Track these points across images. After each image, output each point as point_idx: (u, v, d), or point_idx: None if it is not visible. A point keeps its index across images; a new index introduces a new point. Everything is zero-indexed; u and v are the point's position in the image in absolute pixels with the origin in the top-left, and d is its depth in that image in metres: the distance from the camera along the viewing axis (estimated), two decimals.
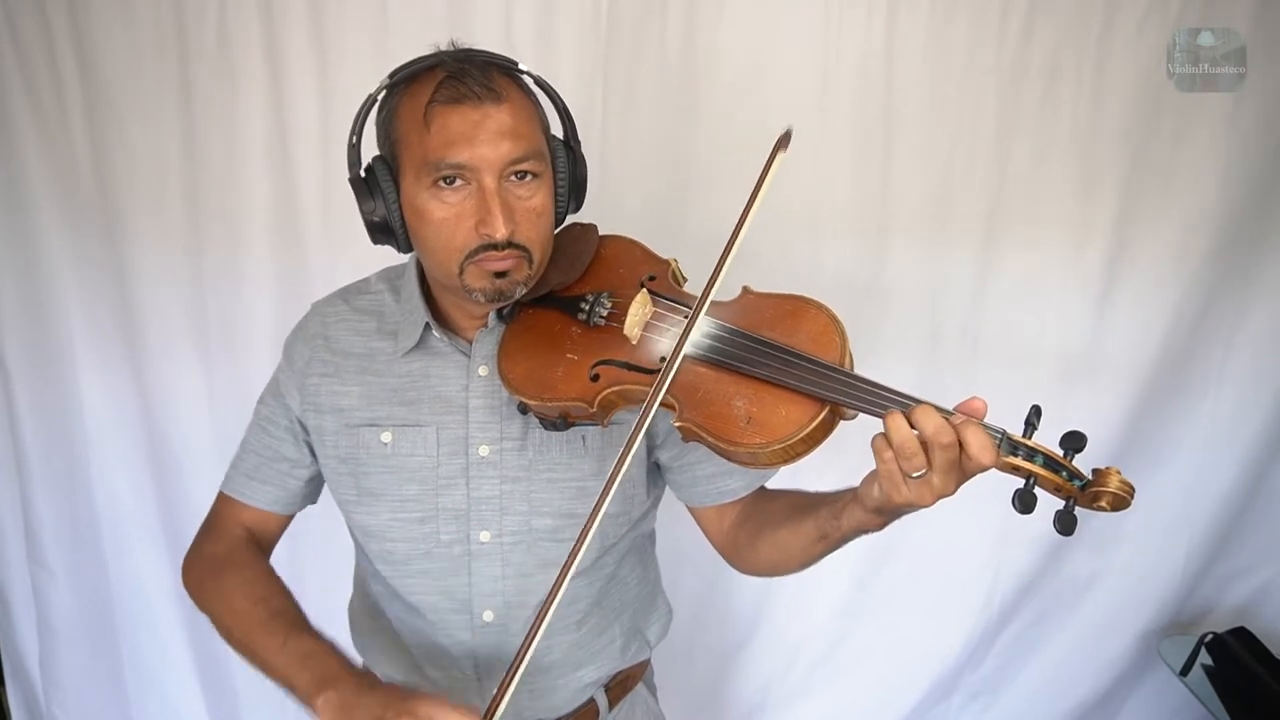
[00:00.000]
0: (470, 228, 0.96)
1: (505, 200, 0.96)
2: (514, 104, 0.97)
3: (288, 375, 1.14)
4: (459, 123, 0.94)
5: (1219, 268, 1.84)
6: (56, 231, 1.82)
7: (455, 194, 0.96)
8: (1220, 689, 1.85)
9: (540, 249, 1.01)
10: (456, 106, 0.94)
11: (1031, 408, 0.83)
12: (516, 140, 0.96)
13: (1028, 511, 0.80)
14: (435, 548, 1.09)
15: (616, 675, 1.22)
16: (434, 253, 1.00)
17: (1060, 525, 0.81)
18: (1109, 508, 0.81)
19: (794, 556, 1.04)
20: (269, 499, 1.17)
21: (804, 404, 0.87)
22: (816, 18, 1.72)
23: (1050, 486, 0.82)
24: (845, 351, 0.90)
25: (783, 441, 0.86)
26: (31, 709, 2.11)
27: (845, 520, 0.93)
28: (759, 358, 0.90)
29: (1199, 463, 1.94)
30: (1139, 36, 1.72)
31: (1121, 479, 0.81)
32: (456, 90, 0.94)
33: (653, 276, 1.04)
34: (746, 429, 0.88)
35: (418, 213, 0.98)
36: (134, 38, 1.72)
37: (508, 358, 1.03)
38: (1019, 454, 0.81)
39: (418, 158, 0.96)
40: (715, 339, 0.93)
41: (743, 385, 0.90)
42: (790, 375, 0.88)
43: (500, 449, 1.07)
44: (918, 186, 1.80)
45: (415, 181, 0.97)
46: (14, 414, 1.91)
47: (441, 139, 0.94)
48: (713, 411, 0.90)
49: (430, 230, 0.98)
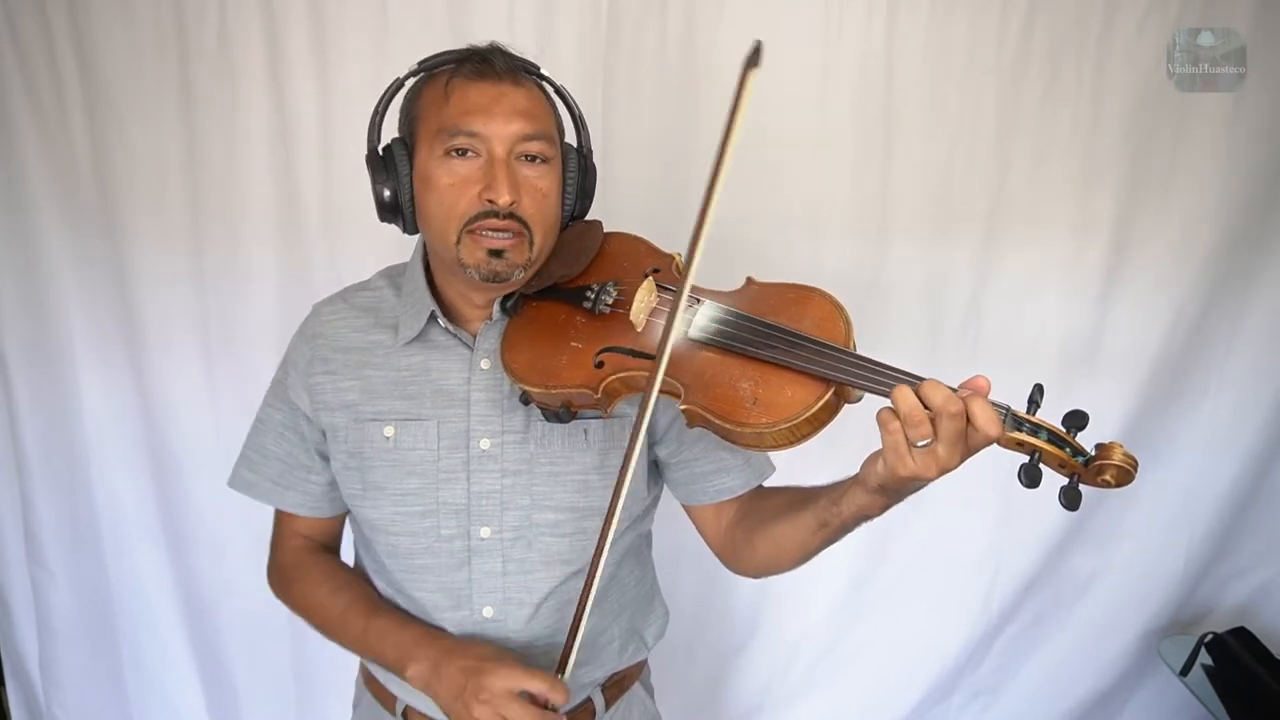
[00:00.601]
0: (474, 194, 0.99)
1: (512, 171, 0.99)
2: (531, 92, 1.03)
3: (294, 377, 1.15)
4: (477, 95, 0.99)
5: (1219, 267, 1.84)
6: (56, 231, 1.82)
7: (465, 164, 0.99)
8: (1220, 689, 1.85)
9: (542, 230, 1.02)
10: (478, 81, 0.99)
11: (1035, 386, 0.84)
12: (530, 119, 1.00)
13: (1033, 486, 0.81)
14: (436, 543, 1.10)
15: (613, 675, 1.22)
16: (435, 222, 1.01)
17: (1065, 500, 0.81)
18: (1114, 482, 0.81)
19: (792, 550, 1.04)
20: (299, 504, 1.19)
21: (810, 384, 0.88)
22: (816, 18, 1.72)
23: (1054, 462, 0.82)
24: (849, 335, 0.91)
25: (789, 421, 0.87)
26: (31, 709, 2.11)
27: (846, 505, 0.93)
28: (764, 340, 0.91)
29: (1199, 462, 1.95)
30: (1139, 36, 1.72)
31: (1125, 452, 0.81)
32: (479, 68, 1.00)
33: (657, 269, 1.04)
34: (752, 410, 0.88)
35: (425, 181, 1.01)
36: (134, 38, 1.72)
37: (511, 348, 1.04)
38: (1024, 429, 0.82)
39: (434, 127, 1.00)
40: (721, 323, 0.94)
41: (748, 367, 0.91)
42: (795, 356, 0.88)
43: (501, 442, 1.08)
44: (918, 186, 1.80)
45: (428, 151, 1.01)
46: (14, 414, 1.91)
47: (459, 108, 0.99)
48: (718, 394, 0.91)
49: (434, 197, 1.00)
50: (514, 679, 0.96)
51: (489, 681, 0.96)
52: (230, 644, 2.02)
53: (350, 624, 1.12)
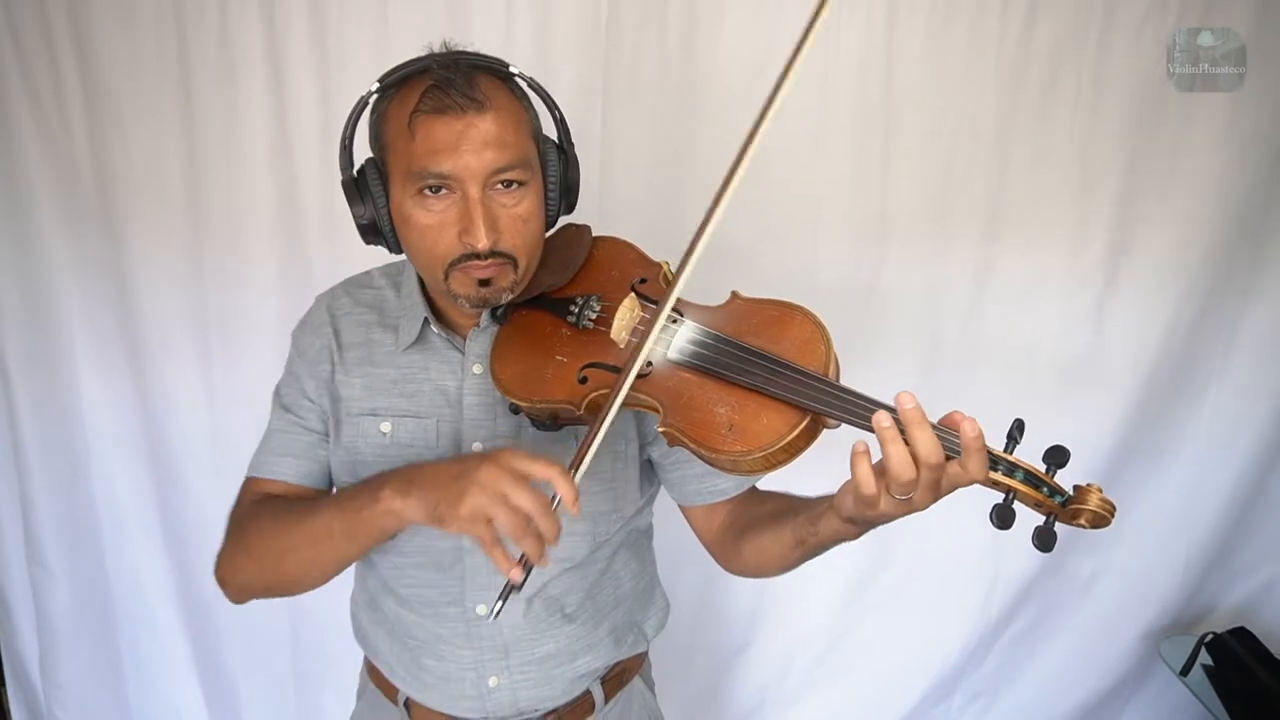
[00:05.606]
0: (453, 237, 0.97)
1: (489, 209, 0.96)
2: (499, 111, 0.97)
3: (301, 364, 1.15)
4: (442, 132, 0.94)
5: (1219, 267, 1.84)
6: (56, 231, 1.82)
7: (440, 202, 0.97)
8: (1220, 689, 1.85)
9: (526, 255, 1.01)
10: (440, 116, 0.95)
11: (1014, 421, 0.82)
12: (501, 149, 0.96)
13: (1005, 527, 0.78)
14: (429, 541, 1.10)
15: (613, 668, 1.22)
16: (420, 258, 1.02)
17: (1039, 541, 0.79)
18: (1088, 525, 0.79)
19: (773, 561, 1.04)
20: (298, 472, 1.14)
21: (786, 413, 0.86)
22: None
23: (1030, 502, 0.81)
24: (830, 360, 0.89)
25: (763, 450, 0.86)
26: (31, 709, 2.11)
27: (822, 528, 0.93)
28: (743, 365, 0.89)
29: (1199, 462, 1.94)
30: (1139, 36, 1.72)
31: (1102, 497, 0.79)
32: (440, 100, 0.94)
33: (644, 280, 1.03)
34: (728, 436, 0.87)
35: (404, 219, 1.00)
36: (134, 38, 1.72)
37: (499, 359, 1.04)
38: (999, 469, 0.80)
39: (403, 166, 0.97)
40: (700, 345, 0.93)
41: (726, 392, 0.90)
42: (773, 384, 0.87)
43: (493, 446, 1.08)
44: (917, 187, 1.80)
45: (401, 189, 0.99)
46: (14, 414, 1.91)
47: (425, 148, 0.95)
48: (696, 418, 0.90)
49: (415, 236, 0.99)
50: (519, 459, 0.86)
51: (492, 457, 0.87)
52: (230, 644, 2.02)
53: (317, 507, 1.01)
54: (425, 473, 0.91)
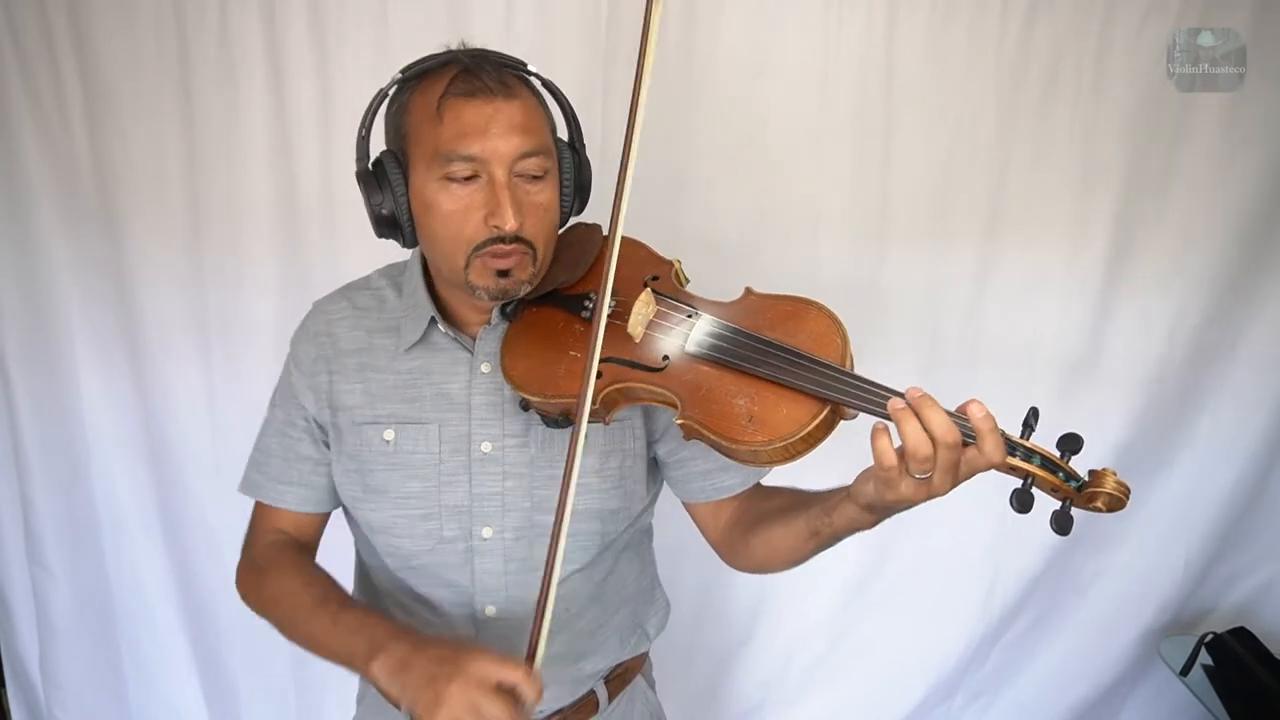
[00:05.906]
0: (479, 220, 0.98)
1: (515, 193, 0.98)
2: (525, 101, 1.00)
3: (298, 376, 1.15)
4: (472, 115, 0.96)
5: (1220, 266, 1.84)
6: (56, 231, 1.82)
7: (465, 187, 0.98)
8: (1220, 689, 1.85)
9: (544, 246, 1.02)
10: (470, 100, 0.97)
11: (1030, 409, 0.84)
12: (526, 135, 0.98)
13: (1025, 511, 0.81)
14: (439, 544, 1.10)
15: (616, 668, 1.22)
16: (441, 245, 1.01)
17: (1057, 525, 0.82)
18: (1104, 508, 0.82)
19: (784, 554, 1.04)
20: (298, 499, 1.17)
21: (805, 403, 0.88)
22: (816, 18, 1.72)
23: (1047, 487, 0.83)
24: (846, 352, 0.91)
25: (784, 440, 0.87)
26: (31, 709, 2.11)
27: (837, 517, 0.94)
28: (761, 357, 0.91)
29: (1200, 462, 1.94)
30: (1139, 36, 1.72)
31: (1117, 480, 0.82)
32: (471, 84, 0.97)
33: (656, 277, 1.04)
34: (748, 427, 0.89)
35: (426, 205, 1.00)
36: (134, 38, 1.72)
37: (510, 355, 1.04)
38: (1017, 454, 0.82)
39: (429, 149, 0.98)
40: (719, 338, 0.94)
41: (744, 384, 0.91)
42: (792, 374, 0.88)
43: (502, 445, 1.08)
44: (917, 186, 1.80)
45: (425, 173, 0.99)
46: (14, 414, 1.91)
47: (454, 130, 0.96)
48: (715, 410, 0.91)
49: (439, 222, 0.99)
50: (487, 668, 0.90)
51: (464, 667, 0.90)
52: (230, 644, 2.02)
53: (322, 614, 1.06)
54: (415, 664, 0.92)
